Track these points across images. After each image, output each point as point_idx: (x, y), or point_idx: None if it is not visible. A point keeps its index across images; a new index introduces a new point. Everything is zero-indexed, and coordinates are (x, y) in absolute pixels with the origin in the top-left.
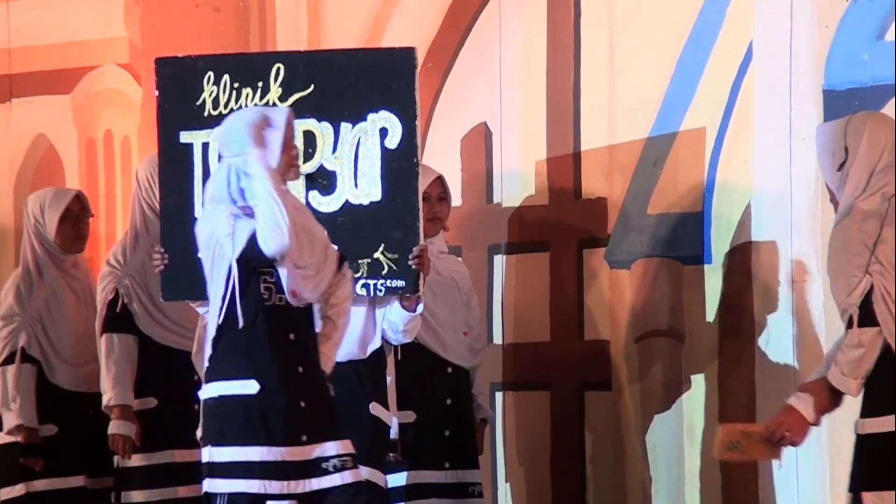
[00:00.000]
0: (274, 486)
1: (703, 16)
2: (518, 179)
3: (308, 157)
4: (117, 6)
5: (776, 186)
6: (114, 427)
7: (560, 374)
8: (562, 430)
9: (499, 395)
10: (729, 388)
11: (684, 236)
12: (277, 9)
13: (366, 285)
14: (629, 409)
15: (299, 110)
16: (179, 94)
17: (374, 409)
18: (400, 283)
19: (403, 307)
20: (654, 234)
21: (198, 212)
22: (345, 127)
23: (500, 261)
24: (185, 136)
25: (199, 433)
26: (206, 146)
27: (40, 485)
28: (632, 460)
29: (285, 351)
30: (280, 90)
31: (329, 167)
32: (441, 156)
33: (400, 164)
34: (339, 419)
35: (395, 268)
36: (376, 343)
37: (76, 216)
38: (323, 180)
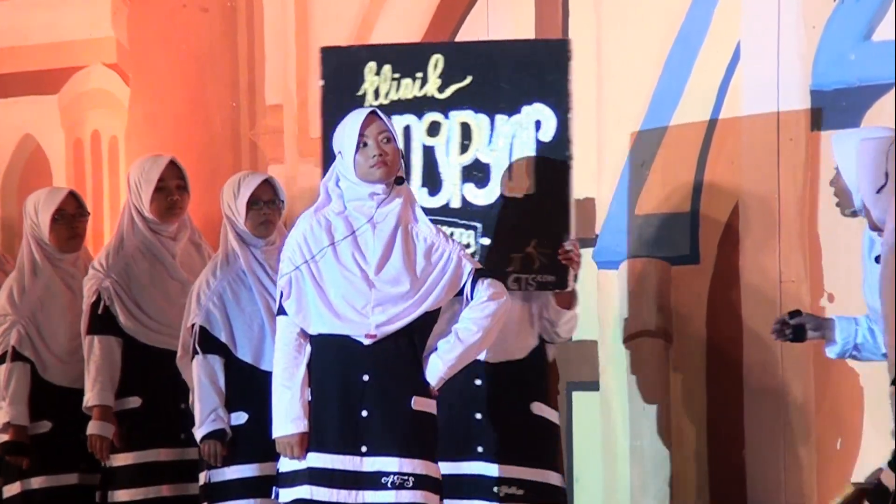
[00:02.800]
0: (322, 493)
1: (690, 16)
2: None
3: (464, 148)
4: (104, 6)
5: (764, 186)
6: (92, 427)
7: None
8: None
9: None
10: (717, 388)
11: (672, 236)
12: (265, 9)
13: (517, 279)
14: (617, 410)
15: (457, 102)
16: (342, 84)
17: (538, 408)
18: (550, 278)
19: (559, 305)
20: (641, 235)
21: None
22: (500, 119)
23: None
24: None
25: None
26: None
27: (35, 482)
28: (619, 461)
29: (351, 360)
30: (439, 81)
31: (484, 159)
32: None
33: (553, 158)
34: (426, 437)
35: (546, 262)
36: (534, 342)
37: (70, 215)
38: (478, 172)
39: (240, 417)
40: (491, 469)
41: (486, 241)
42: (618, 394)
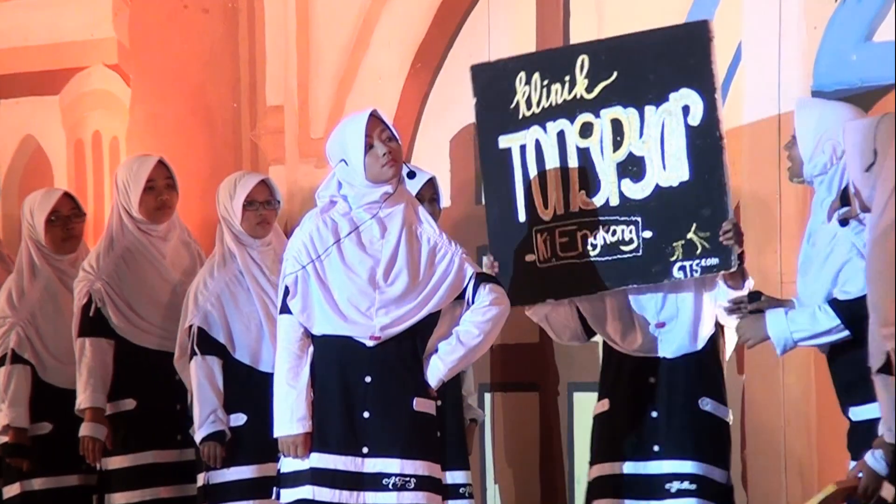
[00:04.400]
0: (324, 494)
1: (691, 17)
2: None
3: (617, 145)
4: (105, 7)
5: (765, 188)
6: (84, 430)
7: (549, 375)
8: (551, 431)
9: (488, 396)
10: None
11: None
12: (266, 10)
13: (682, 268)
14: None
15: (606, 99)
16: (495, 98)
17: (708, 404)
18: (714, 260)
19: (729, 286)
20: None
21: (521, 216)
22: (649, 110)
23: (488, 262)
24: (503, 141)
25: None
26: (523, 148)
27: (36, 483)
28: None
29: (353, 361)
30: (586, 81)
31: (637, 153)
32: (430, 157)
33: (704, 141)
34: (427, 438)
35: (707, 246)
36: (711, 329)
37: (65, 216)
38: (633, 167)
39: (238, 419)
40: (666, 466)
41: (648, 234)
42: None
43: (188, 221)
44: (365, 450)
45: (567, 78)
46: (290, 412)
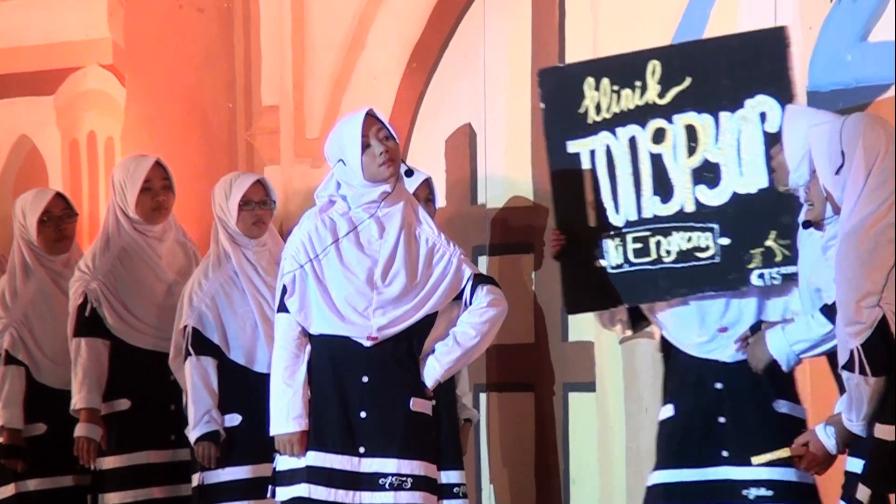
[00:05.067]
0: (320, 492)
1: (687, 17)
2: (502, 181)
3: (691, 151)
4: (100, 7)
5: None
6: (79, 430)
7: (544, 376)
8: (546, 432)
9: (483, 396)
10: None
11: None
12: (261, 10)
13: (761, 275)
14: (613, 411)
15: (679, 105)
16: (563, 103)
17: (784, 406)
18: (794, 269)
19: None
20: None
21: (591, 221)
22: (724, 116)
23: (484, 262)
24: (571, 146)
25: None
26: (593, 154)
27: (30, 484)
28: (615, 462)
29: (350, 361)
30: (658, 87)
31: (713, 159)
32: (425, 157)
33: None
34: (424, 438)
35: (788, 254)
36: None
37: (57, 217)
38: (708, 173)
39: (233, 419)
40: (738, 472)
41: (725, 241)
42: (614, 395)
43: (183, 221)
44: (362, 449)
45: (638, 83)
46: (286, 410)
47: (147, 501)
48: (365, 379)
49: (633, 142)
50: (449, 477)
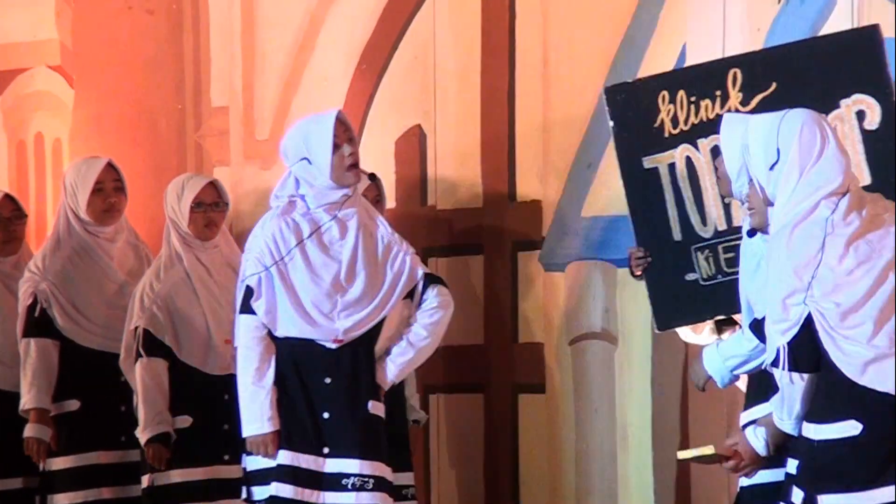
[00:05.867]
0: (287, 490)
1: (636, 18)
2: (452, 182)
3: None
4: (48, 8)
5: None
6: (28, 430)
7: (494, 377)
8: (495, 433)
9: (432, 398)
10: (662, 389)
11: (618, 239)
12: (211, 11)
13: None
14: (563, 412)
15: (764, 111)
16: (635, 119)
17: None
18: None
19: None
20: (588, 237)
21: (676, 235)
22: None
23: (433, 263)
24: (647, 162)
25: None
26: (672, 167)
27: None
28: (565, 463)
29: (313, 362)
30: (740, 95)
31: None
32: (375, 158)
33: (885, 144)
34: (380, 439)
35: None
36: None
37: (6, 219)
38: None
39: (184, 421)
40: None
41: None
42: (564, 396)
43: (133, 222)
44: (326, 450)
45: (718, 93)
46: (258, 412)
47: (96, 502)
48: (328, 380)
49: (716, 151)
50: (398, 479)
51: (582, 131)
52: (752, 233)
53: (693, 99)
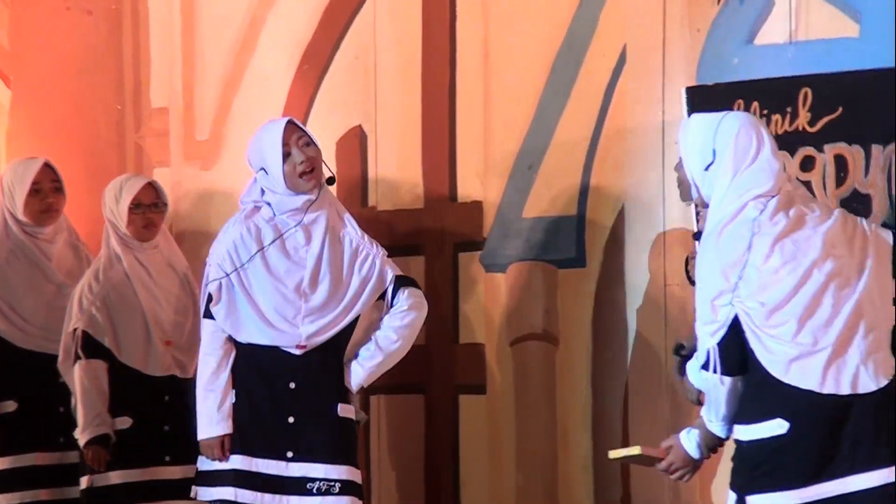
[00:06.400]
0: (246, 496)
1: (577, 19)
2: (393, 182)
3: (840, 181)
4: None
5: (649, 190)
6: None
7: (435, 378)
8: (436, 434)
9: (373, 399)
10: (602, 391)
11: (559, 240)
12: (150, 11)
13: None
14: (503, 413)
15: (829, 134)
16: None
17: None
18: None
19: None
20: (529, 238)
21: None
22: (876, 149)
23: None
24: None
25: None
26: None
27: None
28: (506, 463)
29: (277, 368)
30: (809, 115)
31: (863, 191)
32: None
33: None
34: (350, 442)
35: None
36: None
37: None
38: (857, 204)
39: (124, 422)
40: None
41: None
42: (504, 396)
43: (72, 223)
44: (290, 454)
45: (789, 109)
46: (210, 416)
47: (34, 503)
48: (292, 385)
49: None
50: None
51: (523, 132)
52: (697, 235)
53: (766, 112)
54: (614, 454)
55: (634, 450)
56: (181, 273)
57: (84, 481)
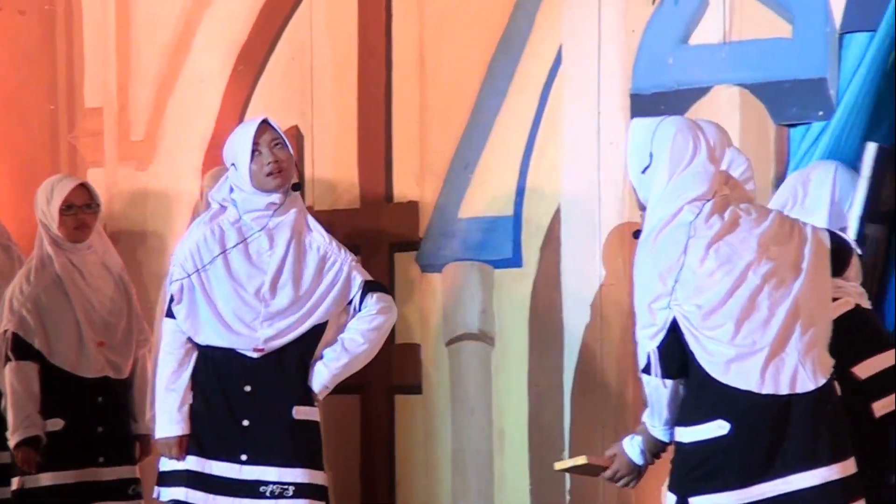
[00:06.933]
0: (197, 497)
1: (513, 21)
2: (329, 183)
3: None
4: None
5: (585, 190)
6: None
7: (371, 378)
8: (372, 434)
9: None
10: (538, 391)
11: (495, 240)
12: (84, 12)
13: None
14: (439, 413)
15: None
16: None
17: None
18: None
19: None
20: (465, 238)
21: None
22: None
23: None
24: None
25: None
26: None
27: None
28: (441, 464)
29: (233, 370)
30: None
31: None
32: None
33: None
34: (308, 445)
35: None
36: None
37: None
38: None
39: (56, 424)
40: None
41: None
42: (440, 396)
43: (5, 223)
44: (244, 457)
45: None
46: (168, 415)
47: None
48: (247, 388)
49: None
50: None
51: (459, 133)
52: (637, 233)
53: None
54: (560, 465)
55: (580, 460)
56: (116, 273)
57: (15, 482)
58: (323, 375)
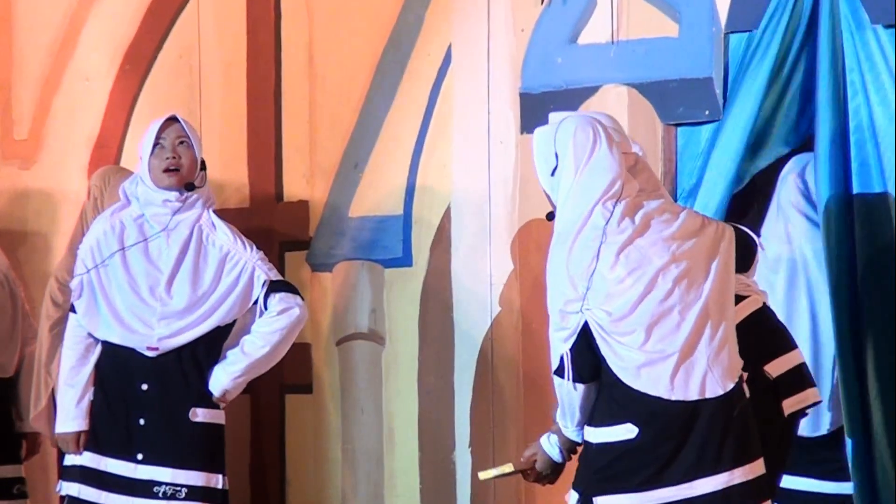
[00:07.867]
0: (90, 493)
1: (402, 19)
2: (219, 183)
3: None
4: None
5: (475, 189)
6: None
7: (261, 378)
8: (262, 433)
9: None
10: (429, 390)
11: (385, 239)
12: None
13: None
14: (330, 413)
15: None
16: None
17: None
18: None
19: None
20: (355, 237)
21: None
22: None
23: None
24: None
25: None
26: None
27: None
28: (332, 463)
29: (130, 368)
30: None
31: None
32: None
33: None
34: (206, 448)
35: None
36: None
37: None
38: None
39: None
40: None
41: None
42: (331, 396)
43: None
44: (140, 456)
45: None
46: (66, 411)
47: None
48: (144, 387)
49: None
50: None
51: (349, 132)
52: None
53: None
54: (485, 475)
55: (507, 468)
56: (1, 272)
57: None
58: (220, 379)
